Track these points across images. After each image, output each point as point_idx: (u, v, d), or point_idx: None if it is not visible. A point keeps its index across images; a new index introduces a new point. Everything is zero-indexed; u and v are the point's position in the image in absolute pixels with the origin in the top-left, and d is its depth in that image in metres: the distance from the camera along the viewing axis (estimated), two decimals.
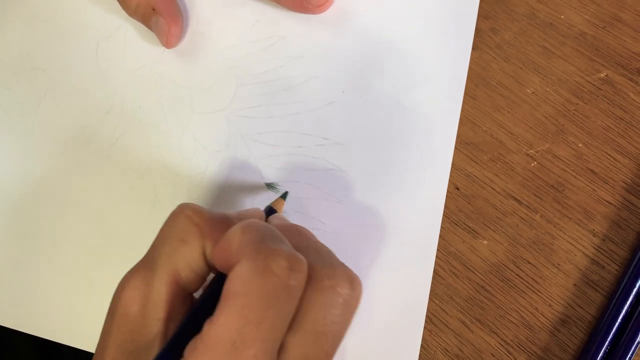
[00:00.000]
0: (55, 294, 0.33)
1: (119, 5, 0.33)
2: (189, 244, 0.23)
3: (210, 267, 0.23)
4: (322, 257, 0.23)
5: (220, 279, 0.22)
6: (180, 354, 0.20)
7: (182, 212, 0.23)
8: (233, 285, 0.20)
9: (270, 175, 0.32)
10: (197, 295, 0.24)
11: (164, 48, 0.34)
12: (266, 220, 0.27)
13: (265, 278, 0.19)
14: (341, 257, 0.24)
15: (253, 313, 0.19)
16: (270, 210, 0.28)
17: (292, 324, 0.21)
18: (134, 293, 0.22)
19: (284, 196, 0.31)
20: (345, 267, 0.22)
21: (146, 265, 0.23)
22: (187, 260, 0.23)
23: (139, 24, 0.34)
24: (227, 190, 0.32)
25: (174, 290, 0.22)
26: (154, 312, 0.22)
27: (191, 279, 0.23)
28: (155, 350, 0.21)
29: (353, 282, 0.22)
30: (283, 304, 0.20)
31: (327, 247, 0.24)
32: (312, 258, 0.22)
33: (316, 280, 0.21)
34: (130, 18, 0.34)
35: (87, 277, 0.32)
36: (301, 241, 0.23)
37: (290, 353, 0.20)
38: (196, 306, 0.22)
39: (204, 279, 0.24)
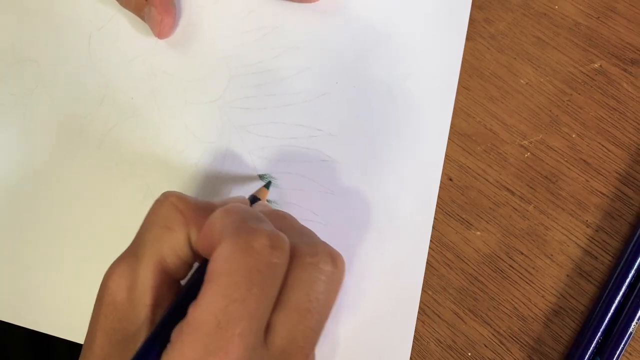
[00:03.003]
0: (47, 286, 0.32)
1: None
2: (174, 230, 0.22)
3: (195, 254, 0.23)
4: (303, 237, 0.23)
5: (205, 265, 0.22)
6: (168, 339, 0.20)
7: (166, 200, 0.23)
8: (215, 266, 0.20)
9: (263, 167, 0.32)
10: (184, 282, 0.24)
11: (156, 39, 0.34)
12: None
13: (247, 256, 0.19)
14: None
15: (237, 292, 0.19)
16: (253, 199, 0.28)
17: (277, 303, 0.21)
18: (121, 281, 0.22)
19: (267, 186, 0.31)
20: (327, 245, 0.23)
21: (132, 253, 0.23)
22: (172, 246, 0.22)
23: (131, 14, 0.34)
24: (220, 181, 0.32)
25: (160, 276, 0.22)
26: (141, 299, 0.22)
27: (177, 266, 0.23)
28: (143, 336, 0.21)
29: (335, 259, 0.22)
30: (266, 282, 0.20)
31: (309, 229, 0.24)
32: (295, 239, 0.22)
33: (298, 259, 0.21)
34: (122, 9, 0.34)
35: (80, 269, 0.32)
36: (283, 224, 0.23)
37: (276, 332, 0.21)
38: (182, 292, 0.22)
39: (190, 266, 0.24)
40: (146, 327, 0.21)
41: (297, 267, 0.21)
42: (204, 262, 0.23)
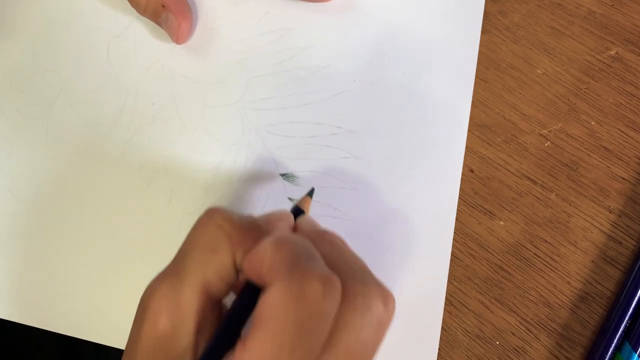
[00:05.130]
0: (73, 291, 0.33)
1: (129, 4, 0.34)
2: (220, 253, 0.22)
3: (238, 274, 0.23)
4: (354, 273, 0.22)
5: (250, 289, 0.21)
6: None
7: (211, 220, 0.23)
8: (266, 311, 0.19)
9: (285, 166, 0.32)
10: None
11: (174, 44, 0.34)
12: (295, 222, 0.26)
13: (299, 304, 0.19)
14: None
15: (287, 340, 0.19)
16: (297, 210, 0.27)
17: (326, 343, 0.20)
18: (163, 302, 0.21)
19: (310, 194, 0.29)
20: (379, 283, 0.22)
21: (174, 273, 0.22)
22: (217, 269, 0.22)
23: (149, 21, 0.35)
24: (243, 182, 0.33)
25: (204, 300, 0.22)
26: (185, 324, 0.21)
27: (221, 288, 0.22)
28: None
29: (386, 300, 0.21)
30: (317, 328, 0.19)
31: (360, 260, 0.23)
32: (345, 273, 0.21)
33: (349, 298, 0.20)
34: (140, 16, 0.34)
35: (105, 274, 0.33)
36: (333, 253, 0.22)
37: None
38: (227, 320, 0.22)
39: (232, 286, 0.23)
40: (190, 354, 0.21)
41: (348, 308, 0.20)
42: (248, 286, 0.22)
